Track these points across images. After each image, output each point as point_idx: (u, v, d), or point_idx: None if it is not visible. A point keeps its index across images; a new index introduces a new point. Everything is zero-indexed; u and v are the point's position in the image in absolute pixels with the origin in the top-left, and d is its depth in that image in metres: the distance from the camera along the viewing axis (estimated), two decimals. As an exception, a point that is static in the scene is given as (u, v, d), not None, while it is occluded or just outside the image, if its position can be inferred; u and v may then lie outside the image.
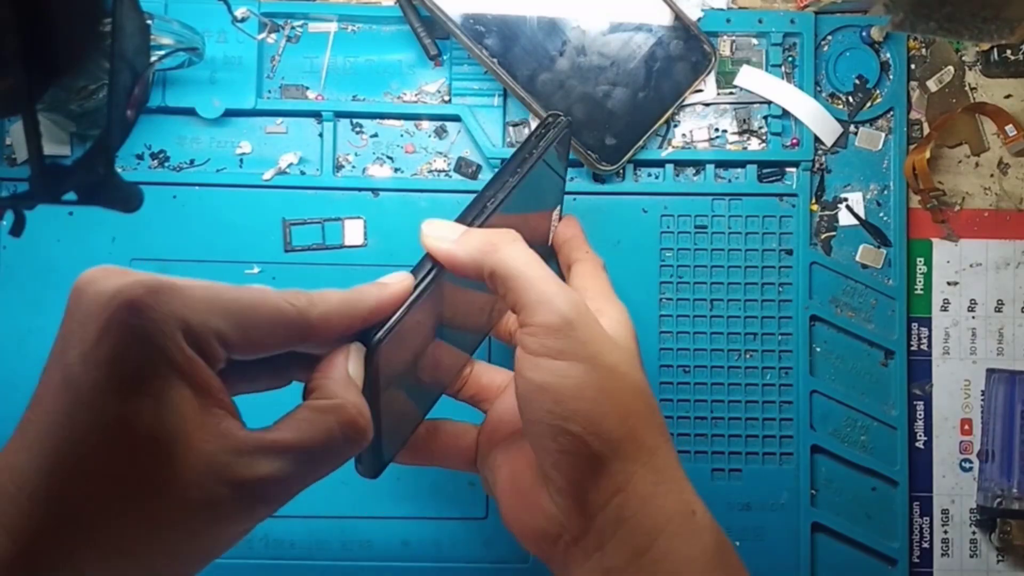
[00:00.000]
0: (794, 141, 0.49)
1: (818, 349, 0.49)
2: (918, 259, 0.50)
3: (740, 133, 0.50)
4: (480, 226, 0.36)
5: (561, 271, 0.43)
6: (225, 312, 0.28)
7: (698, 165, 0.49)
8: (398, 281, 0.34)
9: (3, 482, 0.26)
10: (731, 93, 0.50)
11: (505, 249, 0.34)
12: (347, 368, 0.32)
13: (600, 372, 0.33)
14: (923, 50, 0.50)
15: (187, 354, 0.27)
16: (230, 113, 0.48)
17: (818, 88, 0.50)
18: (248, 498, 0.28)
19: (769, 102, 0.49)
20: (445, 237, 0.35)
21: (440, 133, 0.49)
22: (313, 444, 0.29)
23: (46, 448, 0.26)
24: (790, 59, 0.50)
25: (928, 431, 0.49)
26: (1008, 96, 0.50)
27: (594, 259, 0.42)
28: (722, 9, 0.50)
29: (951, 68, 0.50)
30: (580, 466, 0.33)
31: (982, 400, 0.49)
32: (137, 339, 0.26)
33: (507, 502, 0.36)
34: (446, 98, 0.49)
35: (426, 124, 0.49)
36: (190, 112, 0.48)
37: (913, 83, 0.50)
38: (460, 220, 0.36)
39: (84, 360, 0.26)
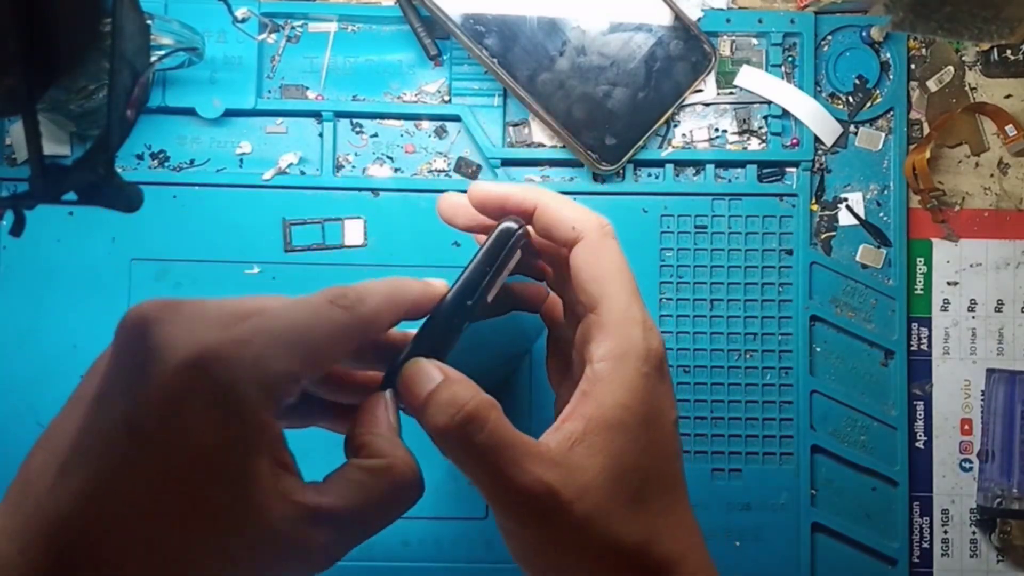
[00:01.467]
0: (794, 141, 0.49)
1: (818, 349, 0.49)
2: (918, 259, 0.50)
3: (740, 133, 0.50)
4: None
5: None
6: (292, 348, 0.28)
7: (698, 165, 0.49)
8: (439, 282, 0.33)
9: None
10: (731, 93, 0.50)
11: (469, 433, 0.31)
12: (389, 419, 0.31)
13: (560, 550, 0.31)
14: (923, 50, 0.50)
15: (266, 420, 0.27)
16: (230, 113, 0.48)
17: (818, 88, 0.50)
18: (301, 562, 0.27)
19: (769, 102, 0.49)
20: (417, 396, 0.31)
21: (440, 133, 0.49)
22: (366, 508, 0.29)
23: (90, 501, 0.26)
24: (790, 59, 0.50)
25: (928, 431, 0.49)
26: (1008, 96, 0.50)
27: (590, 238, 0.34)
28: (722, 9, 0.50)
29: (951, 68, 0.50)
30: None
31: (982, 400, 0.49)
32: (220, 416, 0.26)
33: None
34: (446, 98, 0.49)
35: (426, 124, 0.49)
36: (190, 112, 0.48)
37: (913, 83, 0.50)
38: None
39: (159, 427, 0.26)
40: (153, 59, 0.43)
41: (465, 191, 0.49)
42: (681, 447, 0.34)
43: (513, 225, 0.34)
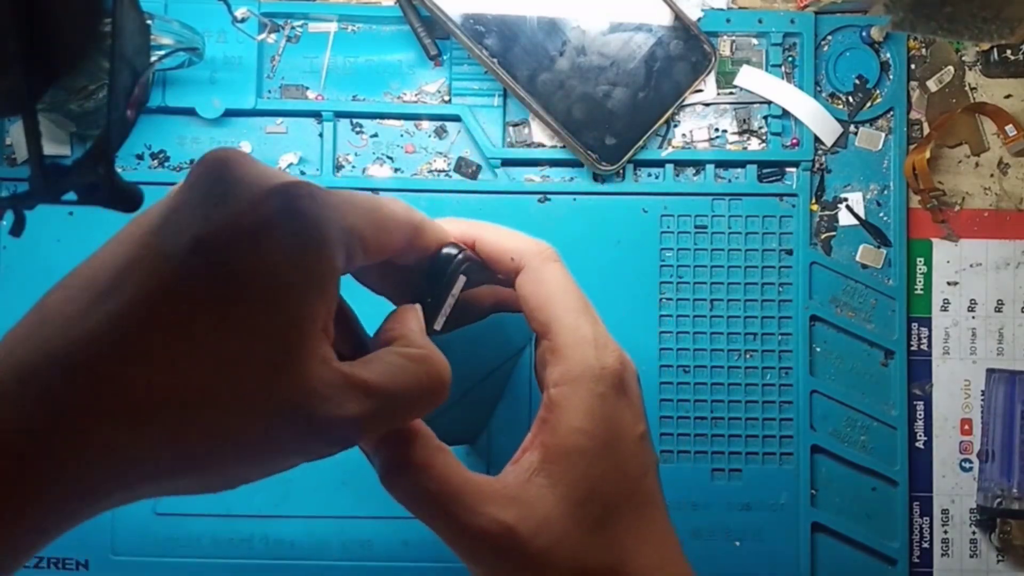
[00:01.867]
0: (794, 141, 0.49)
1: (818, 349, 0.49)
2: (918, 259, 0.50)
3: (740, 133, 0.50)
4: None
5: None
6: (366, 213, 0.28)
7: (698, 165, 0.49)
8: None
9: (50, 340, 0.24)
10: (731, 93, 0.50)
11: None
12: (421, 325, 0.31)
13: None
14: (923, 50, 0.50)
15: (336, 267, 0.27)
16: (230, 113, 0.48)
17: (818, 88, 0.50)
18: (326, 433, 0.26)
19: (769, 102, 0.49)
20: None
21: (440, 133, 0.49)
22: (402, 391, 0.28)
23: (133, 319, 0.24)
24: (790, 59, 0.50)
25: (928, 431, 0.49)
26: (1008, 96, 0.50)
27: (530, 265, 0.34)
28: (722, 9, 0.50)
29: (951, 68, 0.50)
30: None
31: (982, 400, 0.49)
32: (299, 247, 0.26)
33: None
34: (446, 98, 0.49)
35: (426, 124, 0.49)
36: (190, 112, 0.48)
37: (913, 83, 0.50)
38: None
39: (231, 246, 0.25)
40: (153, 59, 0.43)
41: (463, 192, 0.49)
42: (654, 459, 0.33)
43: (452, 251, 0.34)
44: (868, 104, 0.50)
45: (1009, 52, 0.50)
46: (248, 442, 0.25)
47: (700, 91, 0.49)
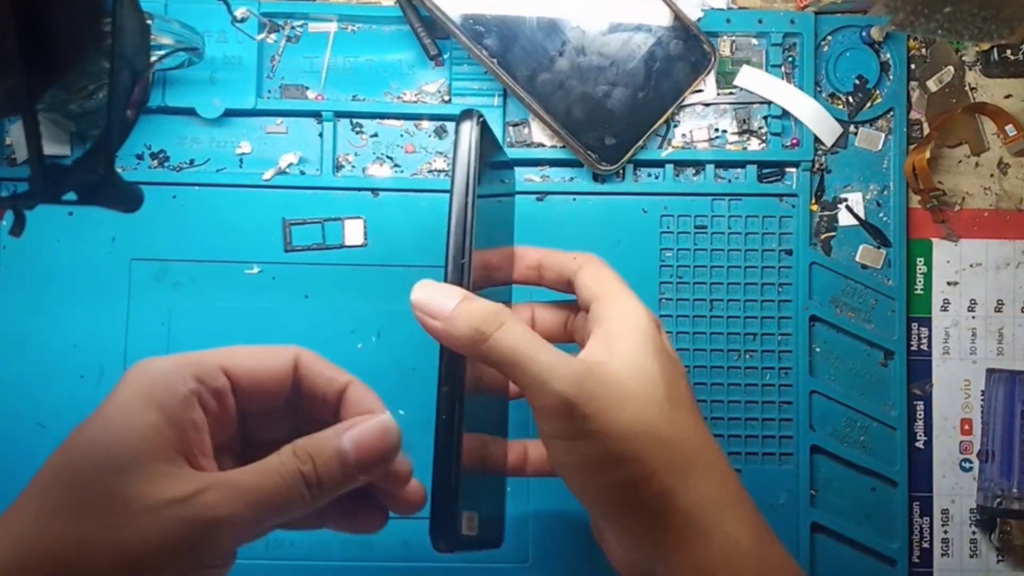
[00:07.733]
0: (794, 141, 0.49)
1: (818, 349, 0.49)
2: (918, 259, 0.50)
3: (740, 133, 0.50)
4: (466, 284, 0.35)
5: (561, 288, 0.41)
6: (230, 362, 0.33)
7: (698, 165, 0.49)
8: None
9: None
10: (731, 93, 0.50)
11: (493, 337, 0.33)
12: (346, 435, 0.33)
13: (615, 442, 0.32)
14: (923, 50, 0.50)
15: (184, 400, 0.31)
16: (230, 113, 0.48)
17: (818, 88, 0.50)
18: (199, 538, 0.29)
19: (769, 102, 0.49)
20: (436, 315, 0.34)
21: (440, 133, 0.49)
22: (269, 491, 0.31)
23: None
24: (790, 59, 0.50)
25: (928, 431, 0.49)
26: (1008, 96, 0.50)
27: (589, 259, 0.39)
28: (722, 9, 0.50)
29: (951, 68, 0.50)
30: (629, 527, 0.34)
31: (982, 400, 0.49)
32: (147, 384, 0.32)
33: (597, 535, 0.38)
34: (446, 98, 0.49)
35: (426, 124, 0.49)
36: (190, 112, 0.48)
37: (913, 83, 0.50)
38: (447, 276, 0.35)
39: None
40: (153, 59, 0.43)
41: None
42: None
43: (471, 112, 0.37)
44: (868, 104, 0.50)
45: (1009, 52, 0.50)
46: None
47: (700, 91, 0.49)
